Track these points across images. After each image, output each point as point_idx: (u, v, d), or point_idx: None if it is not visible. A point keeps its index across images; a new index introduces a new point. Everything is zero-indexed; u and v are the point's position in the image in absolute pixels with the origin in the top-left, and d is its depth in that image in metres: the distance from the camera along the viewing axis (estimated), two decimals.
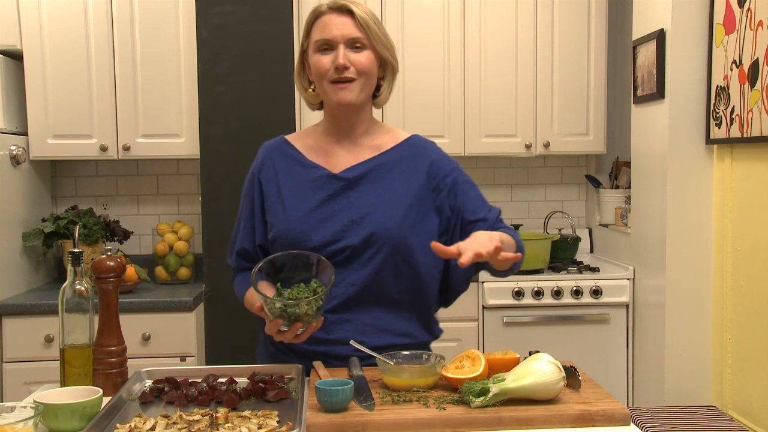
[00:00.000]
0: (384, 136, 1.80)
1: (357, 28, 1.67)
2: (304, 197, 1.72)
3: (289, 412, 1.40)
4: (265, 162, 1.80)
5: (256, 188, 1.78)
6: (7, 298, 2.97)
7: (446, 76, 3.42)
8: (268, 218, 1.75)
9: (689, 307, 2.87)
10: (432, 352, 1.63)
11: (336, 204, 1.71)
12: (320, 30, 1.69)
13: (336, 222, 1.70)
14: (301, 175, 1.75)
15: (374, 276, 1.69)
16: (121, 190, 3.61)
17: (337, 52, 1.66)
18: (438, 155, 1.79)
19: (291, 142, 1.81)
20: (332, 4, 1.69)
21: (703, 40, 2.81)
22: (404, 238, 1.69)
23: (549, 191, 3.88)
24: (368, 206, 1.70)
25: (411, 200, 1.72)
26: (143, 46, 3.22)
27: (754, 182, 2.56)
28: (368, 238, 1.68)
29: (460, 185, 1.77)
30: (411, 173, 1.75)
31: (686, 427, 2.45)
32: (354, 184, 1.72)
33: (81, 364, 1.60)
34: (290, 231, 1.70)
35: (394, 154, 1.77)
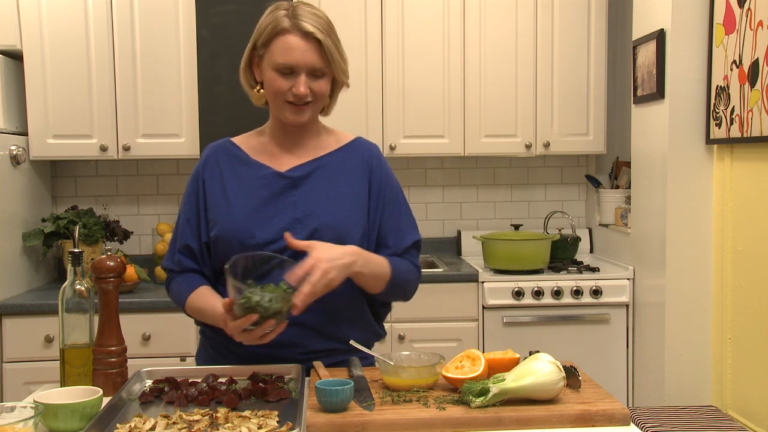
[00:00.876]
0: (329, 137, 1.82)
1: (321, 57, 1.65)
2: (249, 195, 1.73)
3: (289, 412, 1.40)
4: (209, 161, 1.79)
5: (200, 187, 1.77)
6: (7, 298, 2.97)
7: (446, 76, 3.42)
8: (211, 216, 1.74)
9: (689, 307, 2.87)
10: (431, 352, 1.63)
11: (280, 202, 1.72)
12: (282, 52, 1.64)
13: (280, 220, 1.70)
14: (245, 174, 1.76)
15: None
16: (121, 190, 3.61)
17: (299, 80, 1.65)
18: (378, 159, 1.81)
19: (236, 143, 1.82)
20: (298, 26, 1.63)
21: (703, 40, 2.81)
22: (348, 236, 1.70)
23: (549, 191, 3.88)
24: (312, 205, 1.71)
25: (354, 199, 1.75)
26: (143, 46, 3.22)
27: (754, 182, 2.56)
28: (312, 235, 1.68)
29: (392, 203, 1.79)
30: (354, 174, 1.77)
31: (686, 427, 2.45)
32: (298, 183, 1.73)
33: (81, 364, 1.60)
34: (234, 228, 1.70)
35: (339, 155, 1.79)
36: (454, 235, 3.83)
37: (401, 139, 3.41)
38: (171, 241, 1.82)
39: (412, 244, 1.80)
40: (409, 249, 1.80)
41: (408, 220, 1.82)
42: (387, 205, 1.78)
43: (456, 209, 3.84)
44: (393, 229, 1.78)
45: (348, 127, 3.34)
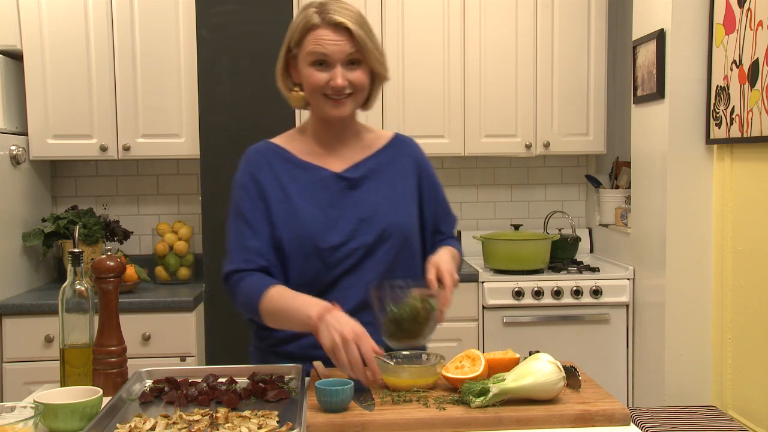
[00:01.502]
0: (370, 135, 1.84)
1: (354, 45, 1.65)
2: (312, 198, 1.72)
3: (289, 412, 1.40)
4: (261, 164, 1.75)
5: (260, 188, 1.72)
6: (7, 298, 2.97)
7: (446, 76, 3.42)
8: (276, 219, 1.70)
9: (689, 307, 2.87)
10: (431, 352, 1.63)
11: (342, 204, 1.72)
12: (315, 46, 1.64)
13: (346, 222, 1.71)
14: (302, 176, 1.74)
15: (387, 274, 1.71)
16: (121, 190, 3.61)
17: (335, 71, 1.65)
18: (420, 152, 1.89)
19: (282, 145, 1.79)
20: (328, 19, 1.64)
21: (703, 40, 2.81)
22: (411, 233, 1.77)
23: (549, 191, 3.88)
24: (374, 204, 1.73)
25: (410, 196, 1.80)
26: (143, 46, 3.22)
27: (754, 182, 2.56)
28: (381, 234, 1.71)
29: (439, 188, 1.89)
30: (405, 171, 1.81)
31: (686, 427, 2.45)
32: (357, 184, 1.75)
33: (81, 364, 1.60)
34: (306, 232, 1.69)
35: (387, 152, 1.82)
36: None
37: None
38: (231, 244, 1.73)
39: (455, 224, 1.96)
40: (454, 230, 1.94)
41: (448, 205, 1.94)
42: (436, 196, 1.87)
43: (456, 209, 3.79)
44: (443, 216, 1.89)
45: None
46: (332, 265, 1.70)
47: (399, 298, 1.58)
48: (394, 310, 1.57)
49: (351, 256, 1.70)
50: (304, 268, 1.70)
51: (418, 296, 1.58)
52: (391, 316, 1.57)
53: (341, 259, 1.70)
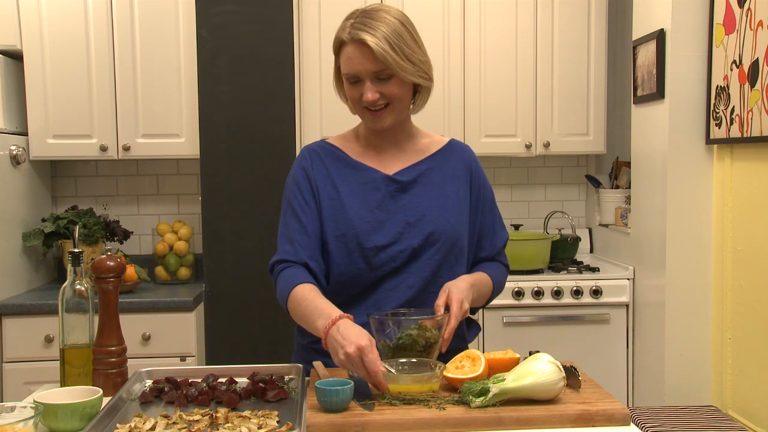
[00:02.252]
0: (425, 139, 1.86)
1: (378, 62, 1.64)
2: (362, 198, 1.74)
3: (289, 412, 1.41)
4: (315, 161, 1.78)
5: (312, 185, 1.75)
6: (7, 298, 2.97)
7: (446, 76, 3.42)
8: (326, 215, 1.73)
9: (689, 307, 2.87)
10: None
11: (391, 206, 1.74)
12: (345, 62, 1.68)
13: (393, 224, 1.72)
14: (353, 176, 1.76)
15: (431, 278, 1.72)
16: (121, 190, 3.61)
17: (365, 87, 1.66)
18: (474, 160, 1.87)
19: (337, 145, 1.82)
20: (353, 35, 1.65)
21: (703, 40, 2.81)
22: (459, 239, 1.76)
23: (549, 191, 3.88)
24: (423, 208, 1.74)
25: (461, 203, 1.79)
26: (143, 46, 3.22)
27: (754, 182, 2.56)
28: (427, 238, 1.72)
29: (488, 202, 1.85)
30: (458, 177, 1.81)
31: (686, 427, 2.45)
32: (407, 187, 1.76)
33: (81, 364, 1.60)
34: (353, 232, 1.70)
35: (440, 158, 1.82)
36: None
37: None
38: (280, 236, 1.76)
39: (504, 243, 1.88)
40: (501, 248, 1.87)
41: (500, 220, 1.88)
42: (485, 208, 1.84)
43: None
44: (489, 231, 1.85)
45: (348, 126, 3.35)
46: (376, 266, 1.71)
47: (400, 326, 1.59)
48: (389, 343, 1.57)
49: (395, 259, 1.71)
50: (347, 266, 1.71)
51: (418, 326, 1.58)
52: (390, 343, 1.58)
53: (385, 261, 1.71)
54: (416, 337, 1.56)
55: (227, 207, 2.99)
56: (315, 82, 3.31)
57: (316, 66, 3.31)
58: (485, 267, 1.83)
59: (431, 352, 1.59)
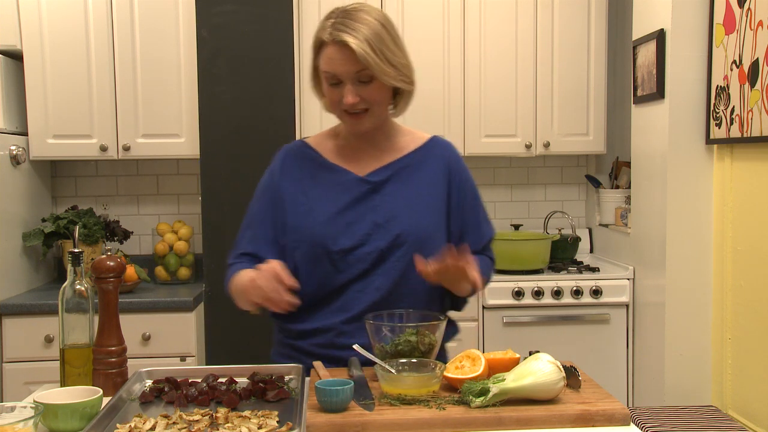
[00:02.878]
0: (405, 137, 1.82)
1: (360, 64, 1.61)
2: (331, 200, 1.72)
3: (289, 412, 1.40)
4: (287, 164, 1.78)
5: (278, 190, 1.75)
6: (7, 298, 2.97)
7: (446, 76, 3.42)
8: (290, 221, 1.72)
9: (689, 307, 2.87)
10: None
11: (361, 207, 1.71)
12: (326, 63, 1.65)
13: (362, 226, 1.70)
14: (326, 178, 1.75)
15: (400, 280, 1.70)
16: (121, 190, 3.61)
17: (345, 89, 1.64)
18: (455, 157, 1.83)
19: (312, 145, 1.81)
20: (335, 36, 1.62)
21: (703, 40, 2.81)
22: (430, 240, 1.71)
23: (549, 191, 3.88)
24: (393, 209, 1.71)
25: (435, 202, 1.75)
26: (143, 46, 3.22)
27: (754, 182, 2.56)
28: (395, 239, 1.69)
29: (471, 197, 1.81)
30: (434, 175, 1.77)
31: (686, 427, 2.45)
32: (379, 188, 1.73)
33: (81, 364, 1.60)
34: (317, 234, 1.69)
35: (417, 156, 1.79)
36: None
37: None
38: (237, 240, 1.79)
39: (489, 239, 1.85)
40: (486, 245, 1.84)
41: (485, 217, 1.85)
42: (467, 205, 1.79)
43: None
44: (472, 228, 1.80)
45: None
46: (343, 269, 1.69)
47: (396, 329, 1.58)
48: (388, 347, 1.57)
49: (363, 261, 1.68)
50: (314, 270, 1.70)
51: (417, 332, 1.57)
52: (389, 349, 1.57)
53: (352, 263, 1.69)
54: (416, 344, 1.56)
55: (227, 207, 2.98)
56: None
57: None
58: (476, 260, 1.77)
59: (430, 356, 1.59)
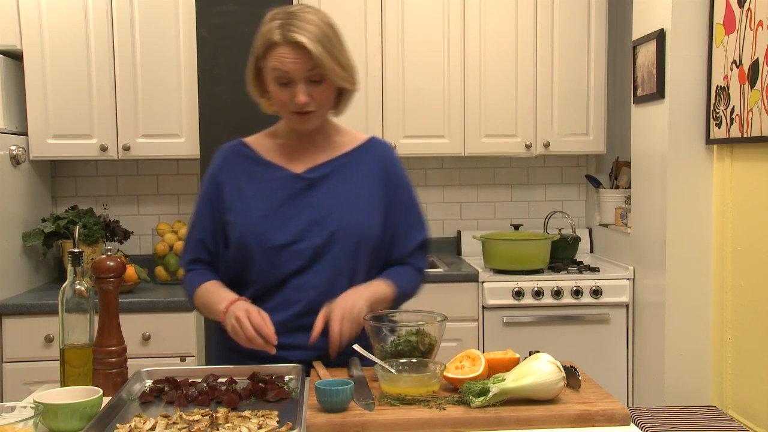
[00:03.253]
0: (343, 137, 1.84)
1: (313, 64, 1.62)
2: (266, 197, 1.73)
3: (289, 412, 1.40)
4: (226, 163, 1.79)
5: (217, 189, 1.77)
6: (7, 298, 2.96)
7: (446, 76, 3.42)
8: (229, 218, 1.74)
9: (689, 307, 2.87)
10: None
11: (297, 204, 1.72)
12: (276, 64, 1.64)
13: (298, 222, 1.71)
14: (262, 175, 1.76)
15: (336, 277, 1.71)
16: (121, 190, 3.61)
17: (297, 89, 1.65)
18: (393, 159, 1.84)
19: (249, 144, 1.82)
20: (288, 37, 1.62)
21: (703, 40, 2.81)
22: (365, 238, 1.73)
23: (549, 191, 3.88)
24: (330, 207, 1.73)
25: (371, 201, 1.76)
26: (143, 46, 3.22)
27: (754, 182, 2.56)
28: (330, 237, 1.70)
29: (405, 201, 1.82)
30: (370, 175, 1.79)
31: (686, 427, 2.45)
32: (315, 185, 1.74)
33: (81, 364, 1.60)
34: (252, 231, 1.71)
35: (354, 155, 1.80)
36: (454, 235, 3.83)
37: (401, 139, 3.41)
38: (185, 242, 1.84)
39: (419, 245, 1.83)
40: (415, 251, 1.83)
41: (417, 220, 1.84)
42: (400, 207, 1.80)
43: (456, 209, 3.84)
44: (402, 232, 1.81)
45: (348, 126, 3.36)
46: (278, 265, 1.70)
47: (395, 330, 1.59)
48: (388, 347, 1.58)
49: (299, 257, 1.70)
50: (251, 267, 1.72)
51: (417, 332, 1.58)
52: (389, 349, 1.58)
53: (288, 259, 1.70)
54: (416, 344, 1.56)
55: None
56: None
57: None
58: (387, 274, 1.78)
59: (430, 356, 1.59)
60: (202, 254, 1.79)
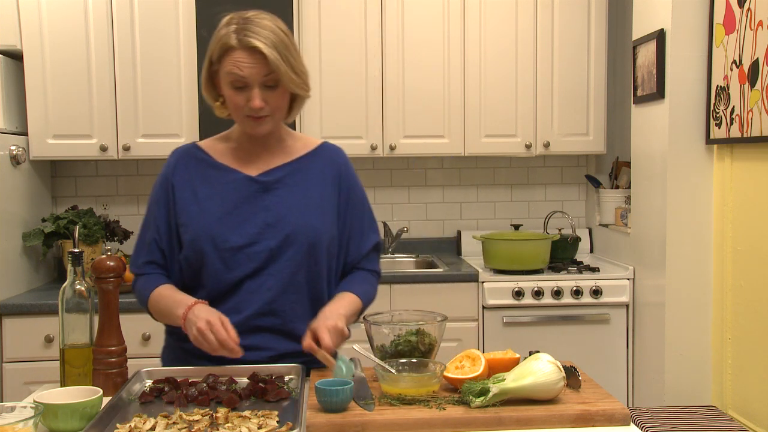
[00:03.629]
0: (297, 143, 1.85)
1: (269, 69, 1.64)
2: (220, 199, 1.74)
3: (289, 412, 1.40)
4: (179, 166, 1.81)
5: (170, 191, 1.78)
6: (7, 298, 2.96)
7: (446, 76, 3.42)
8: (182, 220, 1.75)
9: (689, 307, 2.87)
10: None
11: (252, 207, 1.73)
12: (234, 67, 1.65)
13: (252, 225, 1.72)
14: (216, 178, 1.77)
15: (290, 279, 1.72)
16: (121, 190, 3.61)
17: (252, 93, 1.66)
18: (345, 163, 1.85)
19: (203, 147, 1.83)
20: (244, 42, 1.63)
21: (703, 40, 2.81)
22: (319, 241, 1.74)
23: (549, 191, 3.88)
24: (284, 210, 1.74)
25: (325, 204, 1.78)
26: (143, 46, 3.22)
27: (754, 182, 2.56)
28: (284, 240, 1.71)
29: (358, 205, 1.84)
30: (324, 178, 1.80)
31: (686, 427, 2.45)
32: (270, 188, 1.75)
33: (81, 364, 1.60)
34: (207, 233, 1.71)
35: (308, 160, 1.82)
36: (454, 235, 3.83)
37: (401, 139, 3.41)
38: (136, 245, 1.84)
39: (372, 247, 1.86)
40: (369, 253, 1.85)
41: (370, 224, 1.86)
42: (353, 210, 1.83)
43: (456, 209, 3.84)
44: (356, 235, 1.83)
45: (348, 127, 3.36)
46: (233, 266, 1.71)
47: (395, 331, 1.59)
48: (388, 347, 1.58)
49: (253, 259, 1.71)
50: (205, 269, 1.72)
51: (417, 332, 1.58)
52: (389, 349, 1.58)
53: (243, 261, 1.71)
54: (416, 344, 1.56)
55: None
56: (315, 82, 3.30)
57: (316, 66, 3.31)
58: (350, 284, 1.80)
59: (430, 356, 1.59)
60: (156, 257, 1.79)
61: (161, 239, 1.78)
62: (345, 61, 3.35)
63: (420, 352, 1.58)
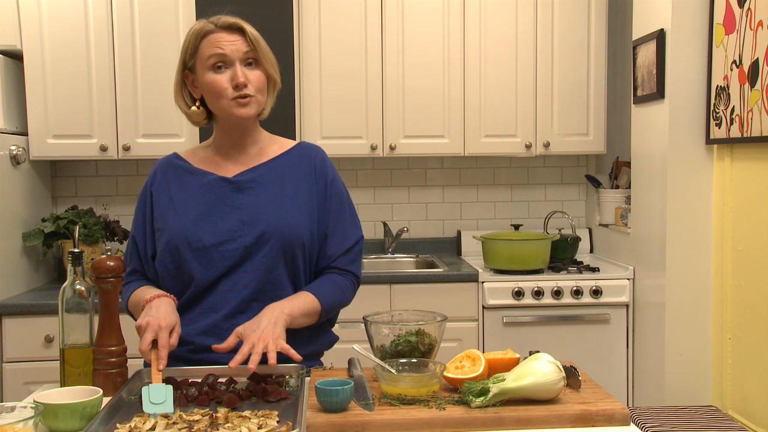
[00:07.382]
0: (272, 145, 1.86)
1: (248, 45, 1.70)
2: (195, 201, 1.76)
3: (289, 412, 1.40)
4: (157, 176, 1.83)
5: (148, 201, 1.81)
6: (7, 298, 2.97)
7: (446, 76, 3.42)
8: (158, 226, 1.77)
9: (689, 307, 2.87)
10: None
11: (226, 206, 1.75)
12: (212, 47, 1.69)
13: (227, 223, 1.73)
14: (191, 182, 1.79)
15: (266, 276, 1.72)
16: (121, 190, 3.61)
17: (235, 69, 1.69)
18: (323, 161, 1.85)
19: (183, 156, 1.85)
20: (222, 23, 1.71)
21: (703, 40, 2.81)
22: (294, 238, 1.74)
23: (549, 191, 3.88)
24: (258, 208, 1.75)
25: (300, 202, 1.78)
26: (143, 47, 3.22)
27: (754, 182, 2.56)
28: (259, 237, 1.72)
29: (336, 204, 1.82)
30: (300, 176, 1.80)
31: (686, 427, 2.45)
32: (243, 187, 1.76)
33: (81, 364, 1.60)
34: (181, 233, 1.73)
35: (283, 159, 1.82)
36: (454, 235, 3.83)
37: (401, 139, 3.42)
38: (125, 253, 1.88)
39: (353, 243, 1.84)
40: (350, 249, 1.83)
41: (351, 220, 1.85)
42: (332, 208, 1.82)
43: (456, 209, 3.84)
44: (334, 232, 1.82)
45: (348, 127, 3.36)
46: (208, 266, 1.72)
47: (395, 331, 1.59)
48: (388, 347, 1.58)
49: (228, 258, 1.72)
50: (181, 268, 1.74)
51: (417, 332, 1.58)
52: (389, 349, 1.58)
53: (218, 260, 1.72)
54: (415, 344, 1.56)
55: None
56: (315, 82, 3.31)
57: (316, 66, 3.31)
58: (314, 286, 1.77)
59: (430, 356, 1.59)
60: (138, 266, 1.82)
61: (143, 248, 1.81)
62: (345, 61, 3.35)
63: (420, 352, 1.58)
